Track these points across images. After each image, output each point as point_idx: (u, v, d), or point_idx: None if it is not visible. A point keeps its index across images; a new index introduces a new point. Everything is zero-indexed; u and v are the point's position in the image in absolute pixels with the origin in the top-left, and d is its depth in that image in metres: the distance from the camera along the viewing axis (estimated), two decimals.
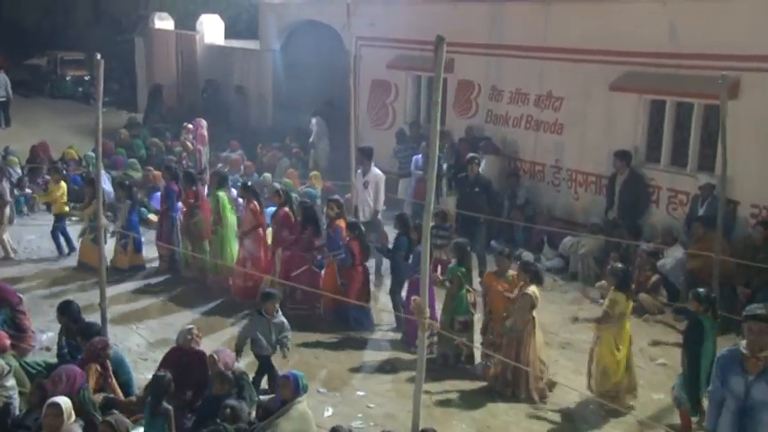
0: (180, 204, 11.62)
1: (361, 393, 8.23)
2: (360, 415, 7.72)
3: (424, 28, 14.65)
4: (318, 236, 10.18)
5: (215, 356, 7.23)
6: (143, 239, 11.96)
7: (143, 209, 13.63)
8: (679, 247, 10.21)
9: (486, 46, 13.73)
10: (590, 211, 12.13)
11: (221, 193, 10.94)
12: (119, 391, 7.06)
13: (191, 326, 7.82)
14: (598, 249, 11.38)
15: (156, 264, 11.94)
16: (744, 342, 5.23)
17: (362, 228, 10.08)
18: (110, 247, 11.37)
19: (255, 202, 10.64)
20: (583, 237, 11.58)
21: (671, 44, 10.83)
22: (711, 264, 9.00)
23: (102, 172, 12.58)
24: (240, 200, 11.81)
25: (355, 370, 8.82)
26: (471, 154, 12.39)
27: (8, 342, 7.04)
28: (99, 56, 8.11)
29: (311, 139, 16.98)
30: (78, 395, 6.15)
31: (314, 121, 16.96)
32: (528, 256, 12.25)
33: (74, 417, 5.75)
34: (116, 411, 6.04)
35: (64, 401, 5.68)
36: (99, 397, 6.82)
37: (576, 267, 11.67)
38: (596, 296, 10.43)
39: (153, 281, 11.40)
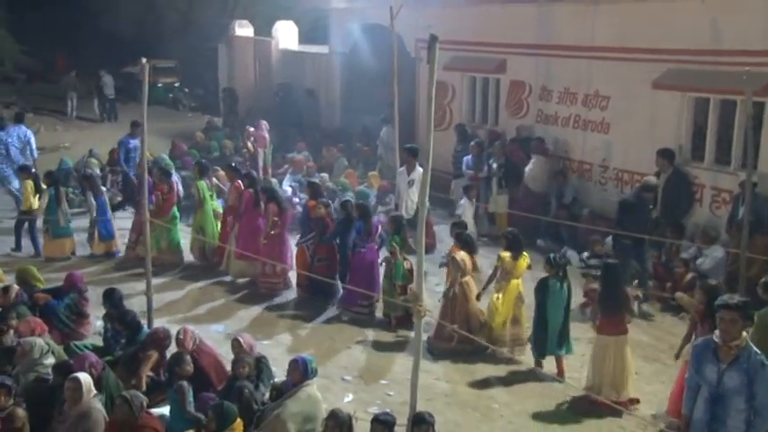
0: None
1: (383, 382, 8.60)
2: (378, 402, 8.06)
3: (476, 29, 14.95)
4: (282, 212, 11.26)
5: (240, 340, 7.76)
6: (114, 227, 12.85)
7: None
8: (718, 247, 10.08)
9: (536, 46, 13.85)
10: None
11: (201, 182, 12.31)
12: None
13: (181, 326, 8.07)
14: (601, 236, 11.29)
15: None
16: (717, 332, 5.33)
17: (331, 204, 11.23)
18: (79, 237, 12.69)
19: (239, 181, 11.81)
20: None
21: (712, 41, 10.71)
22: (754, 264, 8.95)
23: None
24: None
25: (382, 359, 9.20)
26: None
27: (45, 327, 7.78)
28: (144, 60, 8.70)
29: (379, 152, 16.88)
30: (102, 376, 6.75)
31: (384, 130, 16.58)
32: (573, 254, 12.35)
33: (94, 392, 6.34)
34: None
35: (84, 377, 6.28)
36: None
37: None
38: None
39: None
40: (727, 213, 10.60)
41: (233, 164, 13.08)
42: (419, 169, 12.09)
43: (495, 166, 13.80)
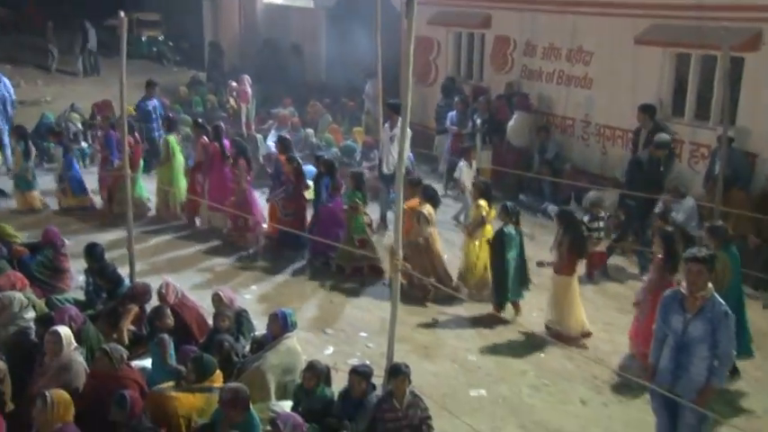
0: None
1: (363, 334, 8.72)
2: (358, 354, 8.19)
3: None
4: (250, 170, 11.48)
5: (220, 294, 7.84)
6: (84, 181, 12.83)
7: None
8: (690, 198, 10.20)
9: (521, 1, 13.80)
10: (617, 166, 12.16)
11: (171, 137, 12.31)
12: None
13: (163, 281, 8.14)
14: (601, 199, 11.32)
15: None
16: (684, 283, 5.45)
17: (299, 160, 11.27)
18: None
19: (205, 137, 11.92)
20: (605, 191, 11.65)
21: None
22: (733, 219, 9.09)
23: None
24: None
25: (362, 312, 9.33)
26: None
27: (26, 281, 7.82)
28: (122, 13, 8.49)
29: (366, 106, 16.87)
30: (82, 329, 6.83)
31: (369, 84, 16.53)
32: (553, 209, 12.46)
33: (74, 344, 6.41)
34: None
35: (63, 330, 6.34)
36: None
37: None
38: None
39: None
40: (705, 168, 10.70)
41: (198, 120, 13.02)
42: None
43: (479, 121, 13.82)
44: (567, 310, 8.42)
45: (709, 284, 5.38)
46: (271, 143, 15.22)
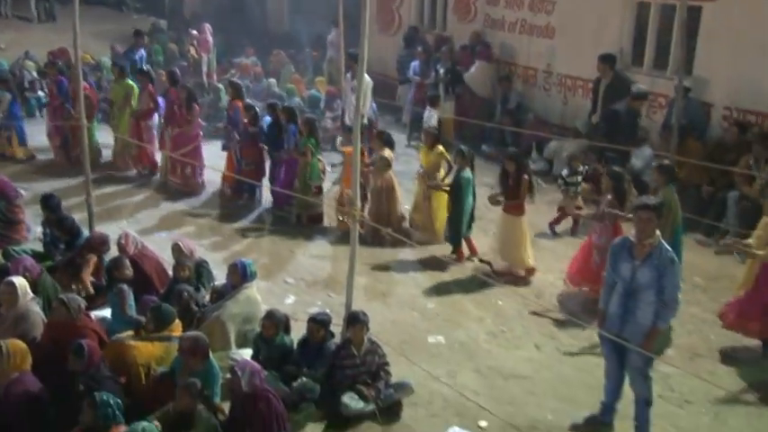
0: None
1: (323, 283, 8.80)
2: (319, 303, 8.26)
3: None
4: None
5: (180, 244, 7.84)
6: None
7: None
8: (647, 147, 10.34)
9: None
10: (578, 116, 12.25)
11: (129, 82, 12.24)
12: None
13: (122, 232, 8.13)
14: (580, 153, 11.54)
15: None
16: (633, 231, 5.58)
17: (256, 110, 11.13)
18: None
19: (151, 85, 12.01)
20: (566, 141, 11.77)
21: None
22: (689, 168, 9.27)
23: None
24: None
25: (323, 261, 9.41)
26: None
27: None
28: None
29: (329, 54, 16.65)
30: (39, 280, 6.81)
31: (333, 32, 16.02)
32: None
33: (30, 294, 6.41)
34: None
35: (18, 280, 6.33)
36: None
37: (559, 170, 11.86)
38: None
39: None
40: (663, 118, 10.82)
41: (144, 68, 13.00)
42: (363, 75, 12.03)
43: (441, 71, 13.78)
44: (515, 249, 8.75)
45: (657, 232, 5.51)
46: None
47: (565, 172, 10.21)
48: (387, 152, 9.92)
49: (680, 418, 6.26)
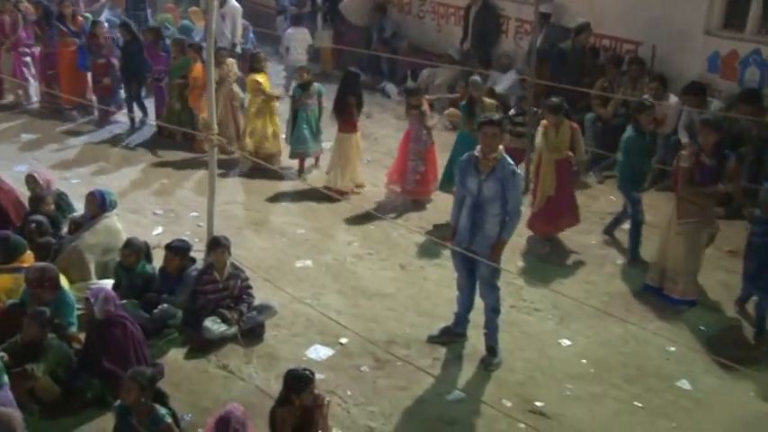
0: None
1: (194, 213, 8.72)
2: (188, 233, 8.14)
3: None
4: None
5: (35, 175, 7.59)
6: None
7: None
8: (512, 72, 10.61)
9: None
10: (451, 43, 12.39)
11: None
12: None
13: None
14: (452, 79, 11.73)
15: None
16: (479, 147, 5.76)
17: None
18: None
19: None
20: (439, 68, 11.90)
21: None
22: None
23: None
24: None
25: (192, 192, 9.34)
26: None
27: None
28: None
29: None
30: None
31: None
32: (392, 88, 12.66)
33: None
34: None
35: None
36: None
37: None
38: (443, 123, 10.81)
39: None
40: (528, 44, 11.07)
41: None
42: (231, 2, 11.81)
43: (318, 1, 13.62)
44: (345, 164, 9.15)
45: (500, 147, 5.71)
46: (105, 23, 14.39)
47: (512, 111, 9.56)
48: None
49: (528, 325, 6.63)
